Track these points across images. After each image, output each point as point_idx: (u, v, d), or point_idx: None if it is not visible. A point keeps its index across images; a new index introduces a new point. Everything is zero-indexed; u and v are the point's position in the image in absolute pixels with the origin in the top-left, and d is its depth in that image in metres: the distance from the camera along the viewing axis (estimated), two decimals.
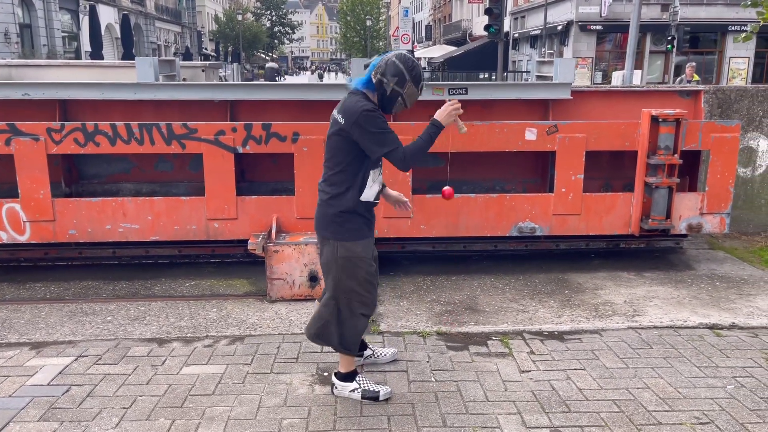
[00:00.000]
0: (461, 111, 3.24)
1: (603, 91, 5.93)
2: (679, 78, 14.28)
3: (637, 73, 18.81)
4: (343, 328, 3.31)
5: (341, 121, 3.13)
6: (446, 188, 3.47)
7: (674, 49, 23.74)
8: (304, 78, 49.03)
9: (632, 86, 6.00)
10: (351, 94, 3.21)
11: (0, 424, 3.14)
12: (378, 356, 3.77)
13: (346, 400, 3.37)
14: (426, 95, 5.38)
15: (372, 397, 3.36)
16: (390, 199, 3.59)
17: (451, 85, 5.40)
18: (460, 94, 5.37)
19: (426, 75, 38.42)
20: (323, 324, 3.33)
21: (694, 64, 12.84)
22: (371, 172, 3.25)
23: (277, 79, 19.85)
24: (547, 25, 29.76)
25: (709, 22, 27.78)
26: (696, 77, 12.86)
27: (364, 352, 3.74)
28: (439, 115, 3.24)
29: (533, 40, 33.81)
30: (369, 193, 3.24)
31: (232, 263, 5.68)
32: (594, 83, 26.94)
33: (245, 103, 5.48)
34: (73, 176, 5.68)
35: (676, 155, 5.25)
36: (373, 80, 3.15)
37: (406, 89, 3.14)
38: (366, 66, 3.33)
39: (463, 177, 5.77)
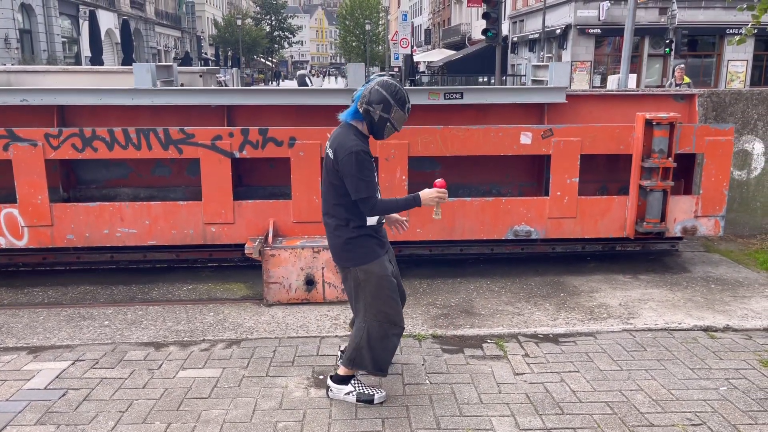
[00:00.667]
0: (445, 201, 3.33)
1: (598, 95, 5.96)
2: (669, 81, 14.24)
3: (633, 76, 18.81)
4: (374, 351, 3.34)
5: (332, 156, 3.19)
6: (438, 180, 3.36)
7: (672, 53, 23.77)
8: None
9: (627, 90, 6.02)
10: (341, 128, 3.26)
11: None
12: None
13: (341, 403, 3.40)
14: (422, 99, 5.42)
15: (367, 401, 3.38)
16: (389, 220, 3.62)
17: (447, 89, 5.44)
18: (456, 98, 5.41)
19: (425, 79, 38.55)
20: (355, 348, 3.36)
21: (683, 66, 12.80)
22: None
23: (308, 84, 20.40)
24: (546, 29, 29.81)
25: (707, 26, 27.80)
26: (687, 79, 12.82)
27: None
28: (425, 194, 3.30)
29: (532, 44, 33.86)
30: (371, 220, 3.30)
31: (230, 267, 5.71)
32: (593, 86, 26.98)
33: (242, 108, 5.52)
34: (71, 181, 5.71)
35: (670, 158, 5.28)
36: (360, 110, 3.20)
37: (392, 114, 3.19)
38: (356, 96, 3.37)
39: (460, 181, 5.80)
